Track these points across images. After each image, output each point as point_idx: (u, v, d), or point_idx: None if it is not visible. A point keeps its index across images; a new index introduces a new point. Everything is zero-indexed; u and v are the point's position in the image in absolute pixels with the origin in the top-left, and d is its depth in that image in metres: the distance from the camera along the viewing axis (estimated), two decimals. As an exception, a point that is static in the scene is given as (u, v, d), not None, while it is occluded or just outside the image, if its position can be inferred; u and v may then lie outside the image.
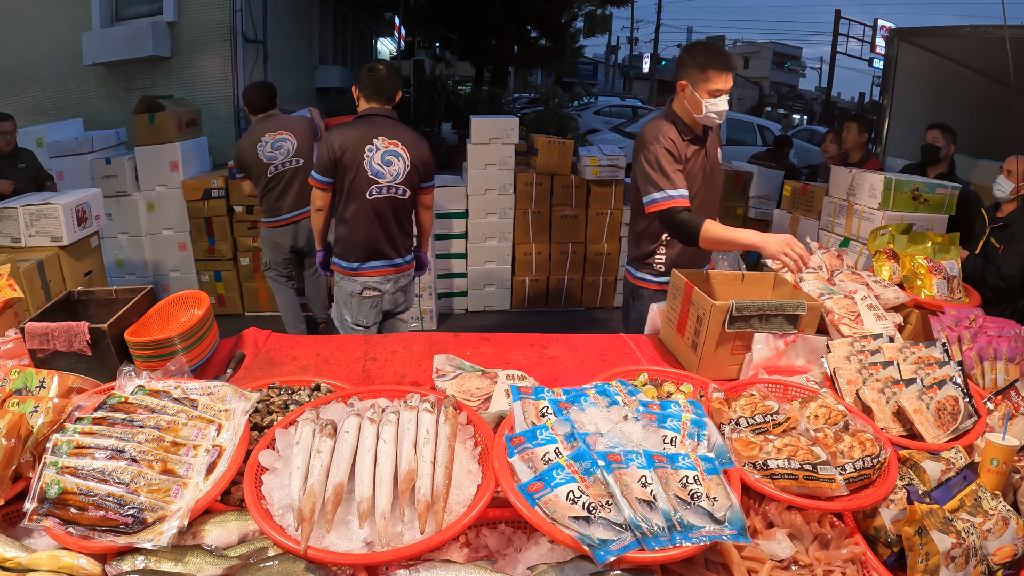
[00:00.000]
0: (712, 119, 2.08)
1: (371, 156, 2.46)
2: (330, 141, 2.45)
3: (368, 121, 2.50)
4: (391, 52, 19.95)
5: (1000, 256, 2.63)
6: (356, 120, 2.52)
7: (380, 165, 2.48)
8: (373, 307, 2.65)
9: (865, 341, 1.64)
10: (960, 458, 1.29)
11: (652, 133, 2.11)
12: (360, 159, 2.44)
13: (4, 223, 2.92)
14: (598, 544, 0.92)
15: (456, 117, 11.22)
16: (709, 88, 2.02)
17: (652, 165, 2.07)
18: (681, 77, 2.08)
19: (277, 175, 3.60)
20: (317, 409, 1.21)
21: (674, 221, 2.04)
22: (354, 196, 2.49)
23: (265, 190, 3.63)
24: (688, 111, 2.10)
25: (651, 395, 1.43)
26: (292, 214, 3.72)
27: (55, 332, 1.46)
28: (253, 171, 3.59)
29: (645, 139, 2.12)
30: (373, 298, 2.64)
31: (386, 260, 2.61)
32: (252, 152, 3.55)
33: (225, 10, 6.25)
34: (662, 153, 2.06)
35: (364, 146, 2.45)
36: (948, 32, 4.74)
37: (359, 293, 2.61)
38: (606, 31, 21.02)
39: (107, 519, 0.98)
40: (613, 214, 4.74)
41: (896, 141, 5.16)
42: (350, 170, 2.45)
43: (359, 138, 2.45)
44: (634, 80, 29.03)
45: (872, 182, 2.98)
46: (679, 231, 2.06)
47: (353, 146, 2.44)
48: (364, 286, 2.60)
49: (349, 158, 2.44)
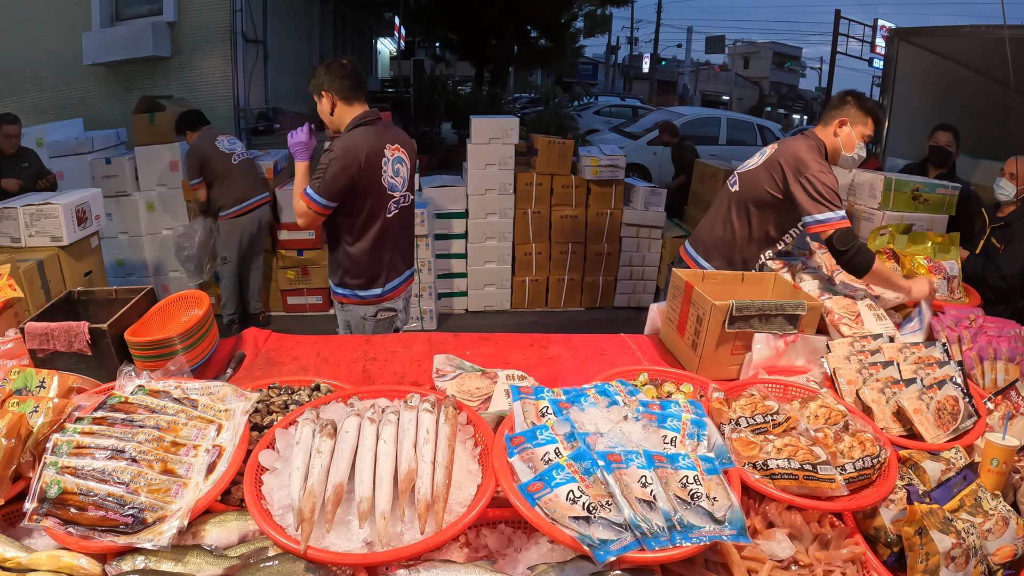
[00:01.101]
0: (853, 161, 2.14)
1: (386, 170, 2.14)
2: (345, 160, 2.04)
3: (370, 129, 2.13)
4: (391, 52, 19.95)
5: (1001, 256, 2.63)
6: (356, 130, 2.12)
7: (393, 177, 2.18)
8: (388, 327, 2.35)
9: (865, 341, 1.64)
10: (960, 458, 1.30)
11: (811, 156, 2.06)
12: (378, 177, 2.12)
13: (4, 223, 2.92)
14: (598, 544, 0.92)
15: (456, 117, 11.22)
16: (865, 133, 2.11)
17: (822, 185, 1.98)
18: (844, 115, 2.11)
19: (240, 163, 4.01)
20: (317, 409, 1.21)
21: (854, 243, 1.94)
22: (374, 218, 2.16)
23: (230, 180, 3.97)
24: (836, 146, 2.13)
25: (651, 395, 1.43)
26: (257, 198, 4.11)
27: (55, 332, 1.46)
28: (218, 165, 3.92)
29: (804, 159, 2.04)
30: (388, 319, 2.34)
31: (400, 276, 2.33)
32: (212, 148, 3.92)
33: (225, 10, 6.26)
34: (830, 176, 2.02)
35: (380, 160, 2.12)
36: (948, 32, 4.73)
37: (373, 316, 2.30)
38: (606, 31, 21.06)
39: (107, 519, 0.98)
40: (613, 214, 4.73)
41: (896, 141, 5.15)
42: (370, 191, 2.12)
43: (374, 151, 2.10)
44: (634, 80, 29.02)
45: (872, 182, 2.97)
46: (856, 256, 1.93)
47: (370, 162, 2.09)
48: (379, 308, 2.30)
49: (367, 177, 2.09)
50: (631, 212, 4.78)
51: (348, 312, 2.33)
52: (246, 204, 4.05)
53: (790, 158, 2.07)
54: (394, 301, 2.34)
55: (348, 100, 2.14)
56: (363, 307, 2.29)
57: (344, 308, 2.34)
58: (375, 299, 2.28)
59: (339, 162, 2.04)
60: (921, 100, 5.00)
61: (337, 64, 2.13)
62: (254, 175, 4.17)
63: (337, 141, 2.09)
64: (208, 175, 3.95)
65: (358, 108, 2.16)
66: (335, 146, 2.07)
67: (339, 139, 2.10)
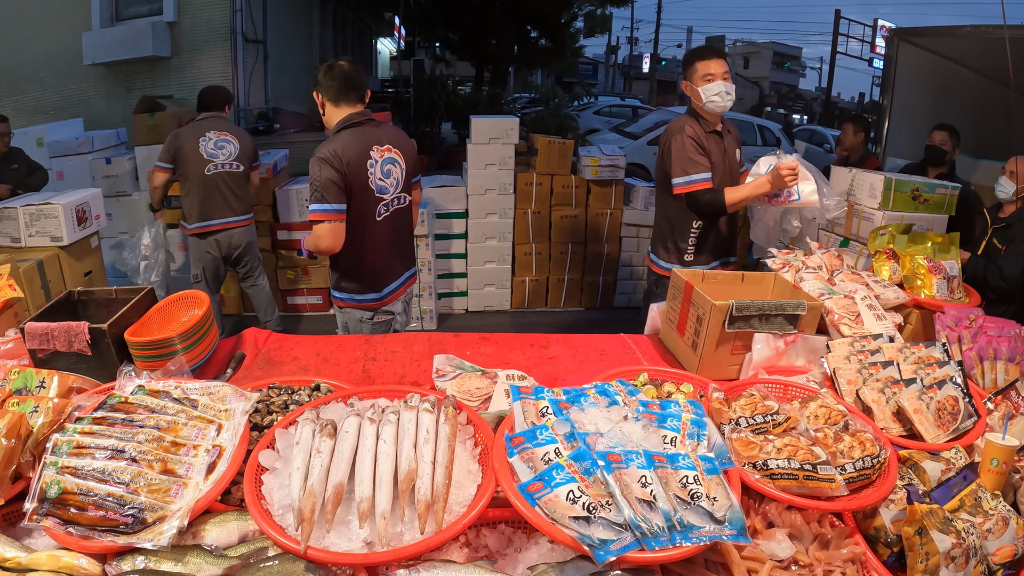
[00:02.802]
0: (715, 102, 2.32)
1: (373, 172, 2.12)
2: (330, 161, 2.02)
3: (355, 132, 2.11)
4: (391, 52, 19.95)
5: (1002, 257, 2.63)
6: (341, 133, 2.10)
7: (382, 179, 2.16)
8: (386, 330, 2.33)
9: (865, 341, 1.64)
10: (960, 458, 1.29)
11: (677, 126, 2.40)
12: (364, 179, 2.09)
13: (4, 223, 2.92)
14: (598, 544, 0.92)
15: (456, 117, 11.22)
16: (701, 75, 2.32)
17: (678, 152, 2.34)
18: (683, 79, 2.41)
19: (215, 175, 3.43)
20: (317, 409, 1.21)
21: (700, 200, 2.33)
22: (363, 222, 2.14)
23: (194, 191, 3.42)
24: (700, 107, 2.37)
25: (651, 395, 1.43)
26: (221, 221, 3.51)
27: (55, 332, 1.46)
28: (189, 166, 3.37)
29: (671, 131, 2.40)
30: (386, 322, 2.32)
31: (397, 280, 2.32)
32: (193, 145, 3.37)
33: (225, 10, 6.27)
34: (687, 141, 2.34)
35: (365, 162, 2.09)
36: (948, 32, 4.73)
37: (370, 319, 2.28)
38: (606, 31, 21.06)
39: (107, 519, 0.98)
40: (613, 214, 4.74)
41: (896, 141, 5.16)
42: (355, 194, 2.09)
43: (358, 153, 2.08)
44: (634, 80, 29.02)
45: (872, 182, 2.97)
46: (707, 207, 2.34)
47: (353, 165, 2.06)
48: (376, 312, 2.29)
49: (352, 179, 2.07)
50: (631, 212, 4.78)
51: (346, 315, 2.31)
52: (206, 225, 3.49)
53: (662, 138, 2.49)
54: (392, 304, 2.34)
55: (336, 101, 2.14)
56: (360, 311, 2.28)
57: (342, 311, 2.32)
58: (373, 303, 2.27)
59: (325, 165, 2.03)
60: (921, 100, 5.00)
61: (332, 65, 2.13)
62: (231, 193, 3.51)
63: (320, 146, 2.08)
64: (178, 172, 3.43)
65: (346, 109, 2.14)
66: (317, 152, 2.06)
67: (321, 144, 2.09)
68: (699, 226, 2.47)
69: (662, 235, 2.58)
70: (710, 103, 2.33)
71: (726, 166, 2.45)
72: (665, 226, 2.56)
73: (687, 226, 2.47)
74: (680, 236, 2.50)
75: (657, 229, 2.63)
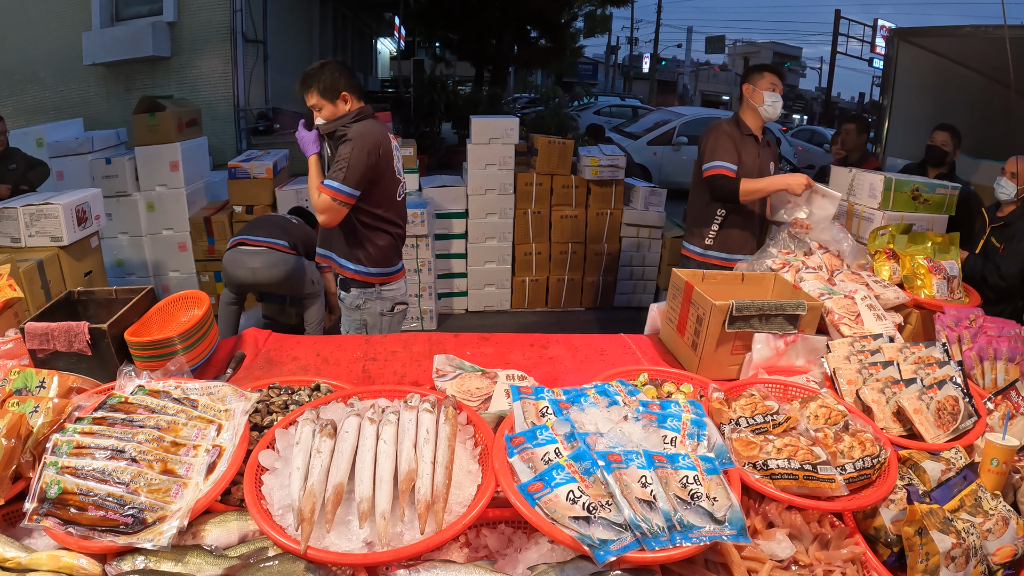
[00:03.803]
0: (773, 107, 2.65)
1: (397, 156, 2.28)
2: (364, 146, 2.09)
3: (376, 121, 2.23)
4: (391, 52, 19.95)
5: (1000, 255, 2.63)
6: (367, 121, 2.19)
7: (398, 163, 2.31)
8: (401, 320, 2.43)
9: (865, 341, 1.64)
10: (960, 458, 1.29)
11: (716, 124, 2.72)
12: (391, 161, 2.23)
13: (4, 223, 2.91)
14: (598, 544, 0.92)
15: (456, 117, 11.22)
16: (769, 82, 2.64)
17: (712, 143, 2.63)
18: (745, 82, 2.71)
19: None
20: (317, 409, 1.21)
21: (718, 182, 2.59)
22: (389, 202, 2.26)
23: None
24: (752, 110, 2.68)
25: (651, 395, 1.43)
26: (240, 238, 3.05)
27: (55, 332, 1.46)
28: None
29: (711, 128, 2.72)
30: (402, 312, 2.42)
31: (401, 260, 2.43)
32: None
33: (225, 10, 6.27)
34: (722, 136, 2.64)
35: (391, 147, 2.24)
36: (948, 32, 4.73)
37: (390, 311, 2.37)
38: (606, 31, 21.06)
39: (107, 519, 0.98)
40: (613, 214, 4.73)
41: (896, 141, 5.15)
42: (386, 178, 2.22)
43: (386, 140, 2.21)
44: (634, 80, 29.01)
45: (872, 182, 2.97)
46: (721, 190, 2.60)
47: (385, 150, 2.19)
48: (394, 301, 2.38)
49: (384, 163, 2.19)
50: (631, 212, 4.79)
51: (364, 311, 2.35)
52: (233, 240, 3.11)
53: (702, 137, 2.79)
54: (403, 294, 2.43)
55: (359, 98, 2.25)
56: (378, 301, 2.35)
57: (360, 308, 2.34)
58: (395, 275, 2.36)
59: (363, 152, 2.09)
60: (921, 100, 5.00)
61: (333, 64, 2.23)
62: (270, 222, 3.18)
63: (359, 129, 2.12)
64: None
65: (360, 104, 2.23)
66: (360, 135, 2.11)
67: (359, 126, 2.14)
68: (722, 214, 2.72)
69: (692, 220, 2.90)
70: (769, 107, 2.65)
71: (757, 171, 2.67)
72: (693, 212, 2.89)
73: (712, 213, 2.75)
74: (704, 221, 2.78)
75: (688, 218, 2.98)
